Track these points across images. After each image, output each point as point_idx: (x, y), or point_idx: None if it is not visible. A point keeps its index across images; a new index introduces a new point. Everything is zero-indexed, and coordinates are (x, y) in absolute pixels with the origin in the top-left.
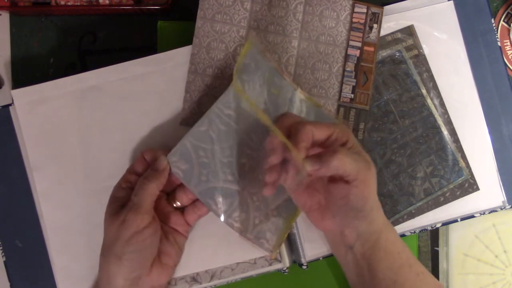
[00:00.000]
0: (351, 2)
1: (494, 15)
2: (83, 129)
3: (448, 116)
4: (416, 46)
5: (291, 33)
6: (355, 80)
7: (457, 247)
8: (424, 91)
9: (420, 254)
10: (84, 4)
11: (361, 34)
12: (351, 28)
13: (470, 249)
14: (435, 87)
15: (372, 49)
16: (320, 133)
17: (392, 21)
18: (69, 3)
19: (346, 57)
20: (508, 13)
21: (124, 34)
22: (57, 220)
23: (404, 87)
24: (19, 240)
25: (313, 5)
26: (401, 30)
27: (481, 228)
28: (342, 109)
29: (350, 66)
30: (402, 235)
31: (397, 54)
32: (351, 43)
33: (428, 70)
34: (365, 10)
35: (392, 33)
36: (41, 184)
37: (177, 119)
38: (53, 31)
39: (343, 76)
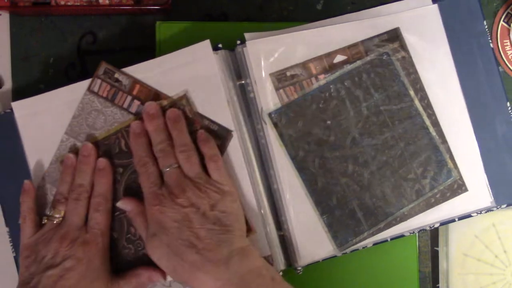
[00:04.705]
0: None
1: (494, 15)
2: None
3: (436, 118)
4: (402, 48)
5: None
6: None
7: (457, 247)
8: (412, 92)
9: (420, 254)
10: (84, 4)
11: (124, 95)
12: (121, 107)
13: (470, 249)
14: (422, 88)
15: (144, 88)
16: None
17: (379, 23)
18: (69, 3)
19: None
20: (508, 13)
21: (124, 34)
22: None
23: (393, 89)
24: None
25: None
26: (388, 32)
27: (481, 228)
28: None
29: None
30: (401, 236)
31: (385, 56)
32: (131, 110)
33: (415, 72)
34: (99, 82)
35: (379, 35)
36: None
37: None
38: (53, 31)
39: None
